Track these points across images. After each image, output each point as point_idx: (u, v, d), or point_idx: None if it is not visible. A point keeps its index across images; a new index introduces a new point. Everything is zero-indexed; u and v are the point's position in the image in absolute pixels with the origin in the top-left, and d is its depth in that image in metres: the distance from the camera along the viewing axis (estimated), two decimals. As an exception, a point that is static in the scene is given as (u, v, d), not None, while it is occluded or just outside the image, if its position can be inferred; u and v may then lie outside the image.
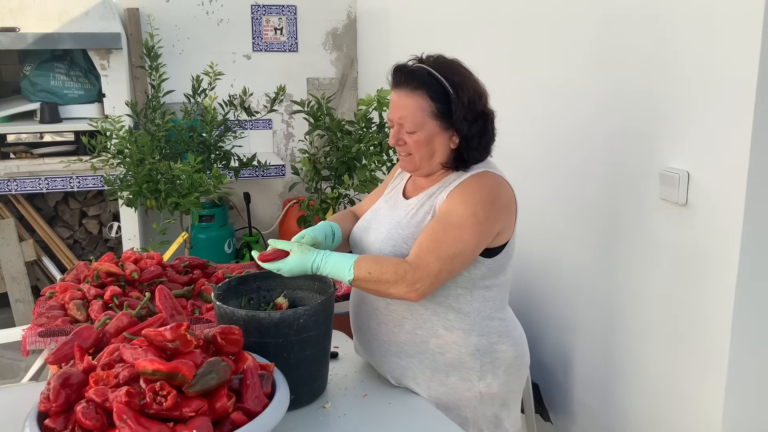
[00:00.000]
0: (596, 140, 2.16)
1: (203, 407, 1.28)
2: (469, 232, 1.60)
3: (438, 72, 1.63)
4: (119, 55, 3.95)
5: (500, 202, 1.66)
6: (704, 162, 1.72)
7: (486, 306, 1.73)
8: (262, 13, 4.54)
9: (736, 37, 1.60)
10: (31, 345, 1.92)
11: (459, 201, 1.63)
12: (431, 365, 1.73)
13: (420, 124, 1.63)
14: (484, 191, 1.65)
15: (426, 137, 1.64)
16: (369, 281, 1.61)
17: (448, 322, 1.71)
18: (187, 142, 3.44)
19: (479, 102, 1.66)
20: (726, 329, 1.69)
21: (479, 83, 1.68)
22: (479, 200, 1.62)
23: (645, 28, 1.90)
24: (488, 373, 1.73)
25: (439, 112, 1.62)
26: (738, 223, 1.63)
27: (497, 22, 2.75)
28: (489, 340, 1.73)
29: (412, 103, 1.63)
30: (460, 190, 1.65)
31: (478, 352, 1.72)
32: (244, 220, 4.60)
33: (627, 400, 2.09)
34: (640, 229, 1.97)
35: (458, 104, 1.62)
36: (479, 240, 1.63)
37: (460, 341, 1.71)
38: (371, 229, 1.79)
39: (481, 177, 1.67)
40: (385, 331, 1.77)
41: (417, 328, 1.72)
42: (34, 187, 3.87)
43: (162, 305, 1.73)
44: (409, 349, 1.74)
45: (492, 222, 1.63)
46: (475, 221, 1.60)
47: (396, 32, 3.98)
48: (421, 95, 1.62)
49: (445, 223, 1.62)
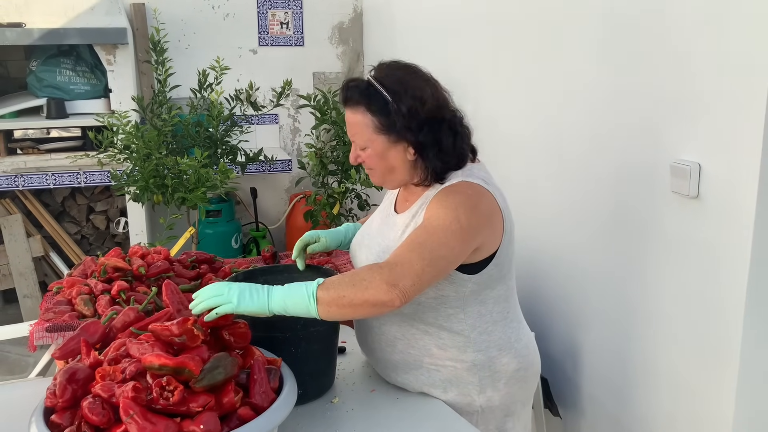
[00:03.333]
0: (606, 133, 2.14)
1: (210, 402, 1.28)
2: (451, 234, 1.49)
3: (379, 82, 1.55)
4: (125, 50, 3.94)
5: (481, 209, 1.55)
6: (716, 154, 1.70)
7: (482, 321, 1.65)
8: (268, 7, 4.53)
9: (747, 26, 1.57)
10: (38, 340, 1.92)
11: (438, 206, 1.54)
12: (428, 381, 1.69)
13: (368, 140, 1.57)
14: (463, 197, 1.55)
15: (377, 152, 1.58)
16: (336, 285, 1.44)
17: (440, 341, 1.65)
18: (193, 137, 3.43)
19: (422, 108, 1.53)
20: (738, 322, 1.67)
21: (424, 89, 1.56)
22: (459, 204, 1.53)
23: (654, 19, 1.88)
24: (488, 387, 1.67)
25: (383, 126, 1.54)
26: (750, 215, 1.61)
27: (504, 15, 2.73)
28: (487, 355, 1.66)
29: (357, 120, 1.57)
30: (438, 197, 1.56)
31: (475, 368, 1.65)
32: (251, 215, 4.60)
33: (637, 394, 2.07)
34: (651, 222, 1.95)
35: (398, 114, 1.52)
36: (462, 244, 1.51)
37: (455, 357, 1.65)
38: (364, 245, 1.74)
39: (456, 186, 1.58)
40: (379, 350, 1.74)
41: (409, 348, 1.67)
42: (41, 183, 3.87)
43: (169, 300, 1.72)
44: (403, 367, 1.70)
45: (474, 228, 1.53)
46: (457, 225, 1.50)
47: (402, 26, 3.96)
48: (362, 111, 1.55)
49: (427, 227, 1.52)
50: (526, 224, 2.64)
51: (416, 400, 1.70)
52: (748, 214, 1.61)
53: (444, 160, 1.58)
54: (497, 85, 2.83)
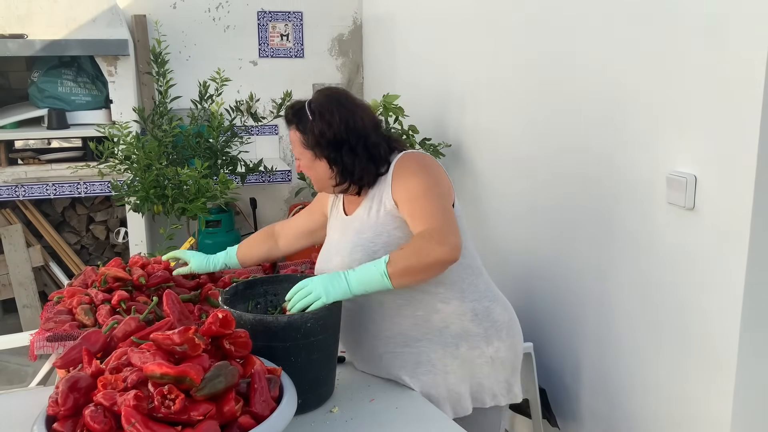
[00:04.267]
0: (602, 144, 2.15)
1: (211, 411, 1.28)
2: (437, 185, 1.73)
3: (308, 105, 1.80)
4: (126, 61, 3.96)
5: (432, 161, 1.80)
6: (711, 166, 1.72)
7: (466, 273, 1.82)
8: (269, 19, 4.56)
9: (743, 39, 1.60)
10: (39, 350, 1.93)
11: (408, 178, 1.74)
12: (440, 341, 1.80)
13: (300, 153, 1.82)
14: (411, 160, 1.78)
15: (306, 164, 1.82)
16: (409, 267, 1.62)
17: (441, 295, 1.79)
18: (193, 147, 3.45)
19: (328, 130, 1.76)
20: (734, 333, 1.68)
21: (335, 113, 1.77)
22: (416, 164, 1.76)
23: (651, 32, 1.90)
24: (493, 338, 1.83)
25: (306, 142, 1.79)
26: (746, 227, 1.62)
27: (502, 26, 2.75)
28: (482, 304, 1.83)
29: (292, 136, 1.82)
30: (398, 174, 1.76)
31: (477, 317, 1.81)
32: (251, 225, 4.61)
33: (635, 405, 2.08)
34: (648, 233, 1.97)
35: (312, 135, 1.77)
36: (449, 190, 1.76)
37: (458, 309, 1.80)
38: (332, 253, 1.85)
39: (402, 158, 1.79)
40: (387, 327, 1.80)
41: (417, 310, 1.79)
42: (42, 193, 3.88)
43: (169, 310, 1.73)
44: (415, 333, 1.80)
45: (440, 178, 1.76)
46: (433, 177, 1.74)
47: (402, 38, 3.99)
48: (293, 129, 1.81)
49: (416, 194, 1.71)
50: (523, 236, 2.66)
51: (416, 409, 1.71)
52: (744, 226, 1.63)
53: (348, 174, 1.79)
54: (496, 97, 2.85)
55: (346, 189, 1.82)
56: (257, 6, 4.52)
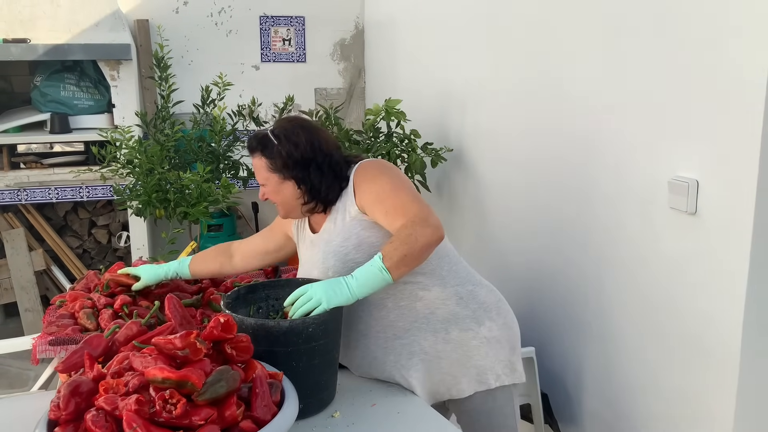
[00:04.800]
0: (604, 149, 2.15)
1: (212, 415, 1.28)
2: (399, 180, 1.80)
3: (271, 132, 1.85)
4: (129, 65, 3.97)
5: (386, 163, 1.90)
6: (713, 170, 1.72)
7: (443, 261, 1.84)
8: (271, 24, 4.57)
9: (745, 44, 1.60)
10: (41, 354, 1.93)
11: (370, 183, 1.80)
12: (429, 327, 1.82)
13: (265, 179, 1.86)
14: (370, 167, 1.84)
15: (273, 189, 1.86)
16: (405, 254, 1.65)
17: (420, 284, 1.81)
18: (196, 151, 3.46)
19: (295, 151, 1.81)
20: (736, 337, 1.68)
21: (300, 136, 1.83)
22: (375, 168, 1.83)
23: (654, 37, 1.90)
24: (484, 318, 1.85)
25: (272, 166, 1.83)
26: (748, 231, 1.62)
27: (503, 32, 2.76)
28: (465, 288, 1.85)
29: (255, 163, 1.87)
30: (359, 182, 1.81)
31: (463, 300, 1.84)
32: (252, 229, 4.61)
33: (637, 409, 2.08)
34: (649, 237, 1.96)
35: (279, 156, 1.81)
36: (409, 183, 1.82)
37: (441, 295, 1.82)
38: (308, 268, 1.89)
39: (359, 168, 1.85)
40: (374, 323, 1.82)
41: (399, 301, 1.81)
42: (44, 197, 3.89)
43: (171, 314, 1.73)
44: (402, 323, 1.81)
45: (400, 171, 1.86)
46: (394, 175, 1.81)
47: (403, 43, 4.00)
48: (258, 155, 1.85)
49: (383, 195, 1.77)
50: (525, 239, 2.66)
51: (417, 413, 1.71)
52: (746, 230, 1.63)
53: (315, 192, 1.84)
54: (497, 101, 2.85)
55: (313, 208, 1.86)
56: (259, 11, 4.53)
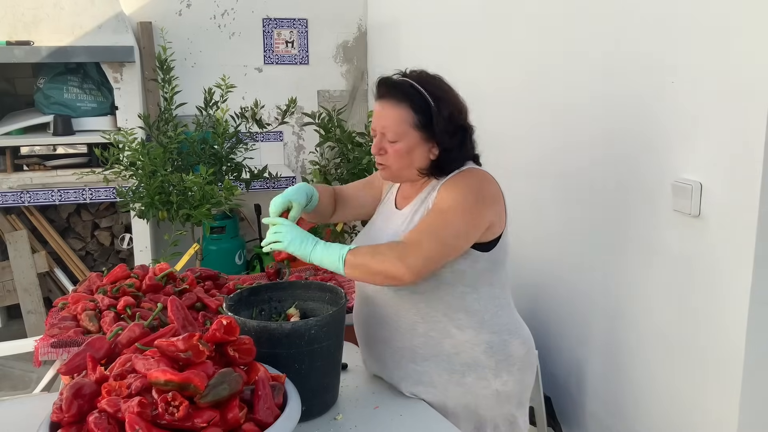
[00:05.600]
0: (608, 151, 2.15)
1: (215, 418, 1.28)
2: (459, 216, 1.64)
3: (421, 86, 1.69)
4: (132, 68, 3.98)
5: (487, 191, 1.71)
6: (717, 173, 1.72)
7: (492, 304, 1.76)
8: (274, 26, 4.58)
9: (748, 46, 1.59)
10: (43, 356, 1.93)
11: (448, 192, 1.68)
12: (447, 367, 1.74)
13: (401, 134, 1.69)
14: (470, 180, 1.71)
15: (407, 147, 1.70)
16: (363, 255, 1.62)
17: (458, 322, 1.73)
18: (198, 154, 3.46)
19: (459, 116, 1.71)
20: (740, 341, 1.67)
21: (460, 98, 1.74)
22: (466, 187, 1.68)
23: (657, 38, 1.90)
24: (503, 371, 1.76)
25: (421, 124, 1.68)
26: (752, 233, 1.62)
27: (507, 33, 2.75)
28: (500, 337, 1.75)
29: (396, 114, 1.69)
30: (447, 184, 1.71)
31: (491, 350, 1.74)
32: (255, 231, 4.61)
33: (640, 413, 2.07)
34: (653, 240, 1.96)
35: (439, 117, 1.67)
36: (469, 226, 1.66)
37: (473, 339, 1.73)
38: (371, 239, 1.80)
39: (466, 172, 1.73)
40: (398, 338, 1.77)
41: (430, 331, 1.74)
42: (47, 199, 3.89)
43: (174, 316, 1.73)
44: (424, 352, 1.75)
45: (481, 209, 1.67)
46: (465, 206, 1.65)
47: (406, 45, 4.00)
48: (404, 107, 1.68)
49: (437, 210, 1.67)
50: (529, 243, 2.65)
51: (420, 416, 1.70)
52: (750, 233, 1.62)
53: (459, 162, 1.73)
54: (501, 102, 2.85)
55: (426, 176, 1.74)
56: (262, 13, 4.54)
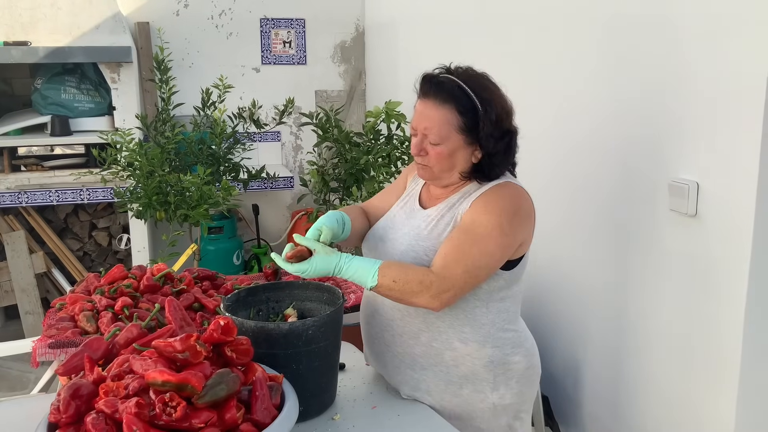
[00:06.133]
0: (605, 151, 2.16)
1: (212, 418, 1.28)
2: (494, 243, 1.59)
3: (468, 86, 1.62)
4: (129, 68, 3.98)
5: (523, 212, 1.65)
6: (713, 173, 1.72)
7: (500, 317, 1.72)
8: (271, 26, 4.57)
9: (745, 47, 1.60)
10: (41, 356, 1.93)
11: (483, 211, 1.62)
12: (445, 378, 1.73)
13: (445, 137, 1.62)
14: (507, 201, 1.64)
15: (449, 150, 1.63)
16: (393, 289, 1.58)
17: (463, 335, 1.70)
18: (196, 154, 3.46)
19: (506, 120, 1.65)
20: (737, 340, 1.68)
21: (506, 100, 1.66)
22: (503, 211, 1.62)
23: (654, 39, 1.90)
24: (501, 384, 1.73)
25: (466, 127, 1.61)
26: (748, 233, 1.62)
27: (505, 34, 2.76)
28: (503, 352, 1.72)
29: (440, 116, 1.62)
30: (484, 199, 1.64)
31: (492, 364, 1.71)
32: (253, 231, 4.61)
33: (638, 412, 2.08)
34: (650, 240, 1.96)
35: (486, 121, 1.60)
36: (503, 252, 1.62)
37: (475, 353, 1.70)
38: (388, 238, 1.77)
39: (503, 187, 1.67)
40: (399, 343, 1.76)
41: (433, 341, 1.71)
42: (45, 200, 3.89)
43: (171, 317, 1.73)
44: (423, 361, 1.73)
45: (516, 233, 1.63)
46: (500, 233, 1.59)
47: (404, 45, 4.00)
48: (449, 108, 1.61)
49: (471, 234, 1.60)
50: (527, 242, 2.65)
51: (417, 416, 1.71)
52: (746, 232, 1.63)
53: (503, 169, 1.68)
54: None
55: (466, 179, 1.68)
56: (260, 13, 4.54)
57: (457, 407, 1.73)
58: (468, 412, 1.73)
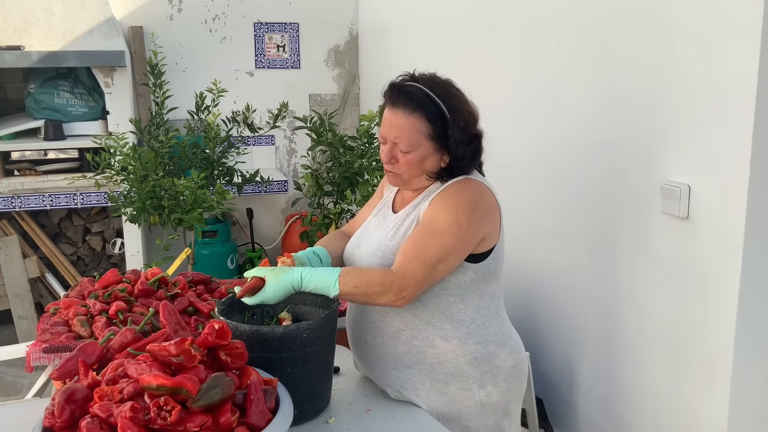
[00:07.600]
0: (597, 154, 2.17)
1: (207, 422, 1.28)
2: (451, 238, 1.62)
3: (435, 94, 1.65)
4: (123, 72, 3.98)
5: (482, 206, 1.68)
6: (705, 175, 1.73)
7: (480, 314, 1.74)
8: (265, 30, 4.58)
9: (736, 50, 1.61)
10: (35, 361, 1.92)
11: (441, 207, 1.65)
12: (430, 375, 1.74)
13: (415, 145, 1.66)
14: (465, 197, 1.67)
15: (419, 157, 1.67)
16: (356, 294, 1.62)
17: (443, 332, 1.71)
18: (190, 158, 3.46)
19: (473, 125, 1.69)
20: (729, 342, 1.69)
21: (472, 105, 1.71)
22: (461, 206, 1.65)
23: (646, 41, 1.92)
24: (488, 382, 1.74)
25: (435, 134, 1.65)
26: (739, 236, 1.63)
27: (497, 38, 2.77)
28: (486, 349, 1.73)
29: (410, 124, 1.65)
30: (442, 196, 1.68)
31: (476, 360, 1.72)
32: (247, 235, 4.61)
33: (631, 414, 2.08)
34: (642, 242, 1.97)
35: (455, 127, 1.65)
36: (462, 246, 1.65)
37: (457, 350, 1.72)
38: (362, 244, 1.81)
39: (462, 183, 1.70)
40: (381, 344, 1.78)
41: (413, 339, 1.73)
42: (38, 204, 3.88)
43: (166, 321, 1.73)
44: (407, 360, 1.75)
45: (474, 227, 1.65)
46: (457, 228, 1.62)
47: (397, 49, 4.01)
48: (418, 117, 1.64)
49: (428, 230, 1.64)
50: (519, 245, 2.66)
51: (412, 419, 1.71)
52: (737, 235, 1.64)
53: (469, 170, 1.71)
54: (491, 108, 2.85)
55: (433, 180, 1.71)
56: (254, 17, 4.54)
57: (444, 406, 1.74)
58: (456, 411, 1.74)
